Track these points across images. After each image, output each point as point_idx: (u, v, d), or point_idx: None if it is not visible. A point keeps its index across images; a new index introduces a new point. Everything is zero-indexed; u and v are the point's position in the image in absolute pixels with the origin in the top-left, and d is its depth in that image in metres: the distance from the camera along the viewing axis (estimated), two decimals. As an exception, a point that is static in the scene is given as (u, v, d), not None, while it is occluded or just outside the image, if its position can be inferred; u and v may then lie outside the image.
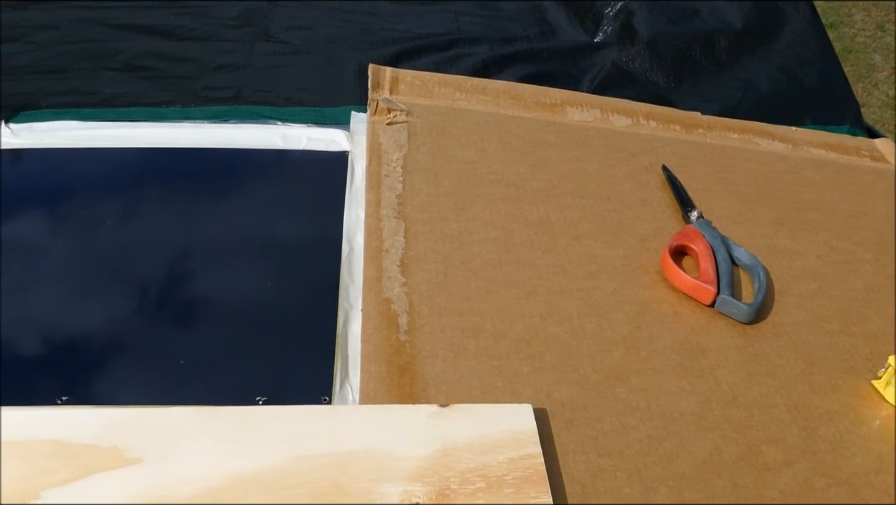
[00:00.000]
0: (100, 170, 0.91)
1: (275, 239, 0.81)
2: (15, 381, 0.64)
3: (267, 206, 0.86)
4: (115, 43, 1.18)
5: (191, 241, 0.80)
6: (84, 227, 0.81)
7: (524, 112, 1.06)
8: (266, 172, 0.91)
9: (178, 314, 0.71)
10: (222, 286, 0.75)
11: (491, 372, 0.66)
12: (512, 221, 0.84)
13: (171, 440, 0.56)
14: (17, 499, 0.52)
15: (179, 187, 0.88)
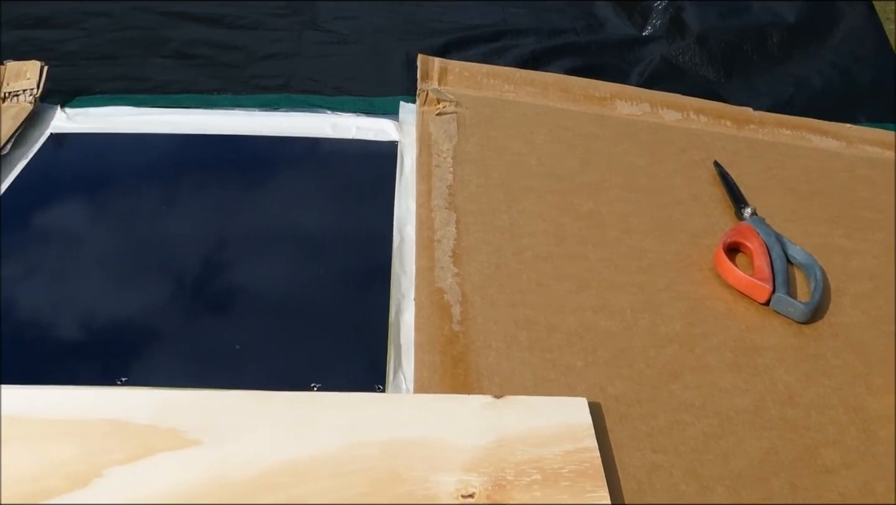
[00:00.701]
0: (153, 155, 0.92)
1: (326, 228, 0.81)
2: (74, 362, 0.65)
3: (317, 194, 0.86)
4: (165, 31, 1.20)
5: (242, 229, 0.81)
6: (139, 211, 0.83)
7: (573, 105, 1.05)
8: (316, 161, 0.92)
9: (231, 301, 0.72)
10: (275, 274, 0.75)
11: (544, 365, 0.65)
12: (562, 214, 0.83)
13: (228, 423, 0.57)
14: (82, 476, 0.53)
15: (231, 174, 0.89)
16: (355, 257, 0.78)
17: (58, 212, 0.82)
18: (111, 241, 0.78)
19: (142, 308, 0.70)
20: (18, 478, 0.52)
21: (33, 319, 0.69)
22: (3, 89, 0.97)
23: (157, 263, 0.75)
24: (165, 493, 0.52)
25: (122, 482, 0.53)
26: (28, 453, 0.54)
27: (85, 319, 0.69)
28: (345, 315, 0.71)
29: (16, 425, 0.56)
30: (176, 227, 0.80)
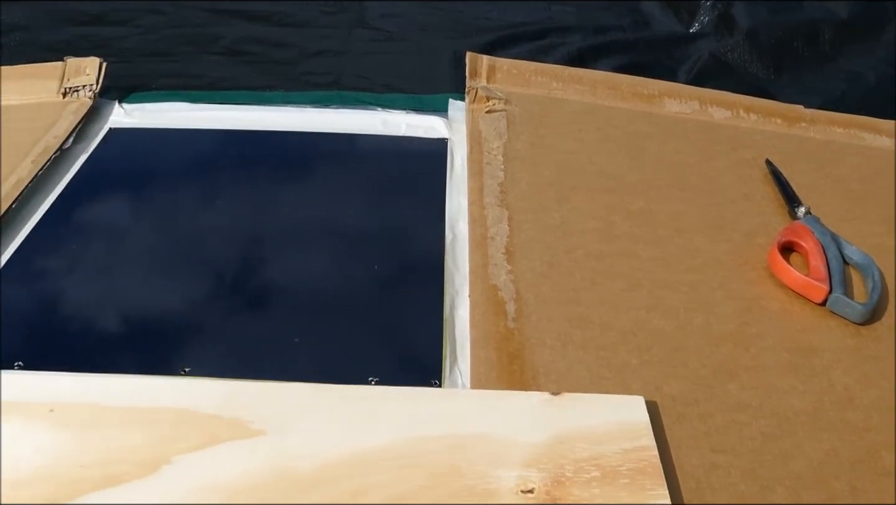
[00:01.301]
0: (208, 150, 0.94)
1: (378, 224, 0.82)
2: (141, 352, 0.67)
3: (369, 190, 0.87)
4: (216, 28, 1.22)
5: (297, 224, 0.82)
6: (196, 205, 0.84)
7: (621, 103, 1.05)
8: (367, 157, 0.93)
9: (288, 295, 0.73)
10: (330, 269, 0.76)
11: (599, 363, 0.66)
12: (612, 213, 0.83)
13: (291, 415, 0.58)
14: (151, 462, 0.54)
15: (285, 170, 0.90)
16: (408, 253, 0.79)
17: (118, 204, 0.84)
18: (170, 234, 0.80)
19: (203, 301, 0.72)
20: (91, 463, 0.54)
21: (101, 311, 0.71)
22: (63, 85, 1.00)
23: (215, 257, 0.77)
24: (231, 481, 0.53)
25: (190, 470, 0.54)
26: (100, 440, 0.56)
27: (149, 310, 0.71)
28: (400, 310, 0.72)
29: (89, 412, 0.58)
30: (231, 222, 0.82)
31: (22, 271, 0.75)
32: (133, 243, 0.79)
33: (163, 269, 0.76)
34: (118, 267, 0.76)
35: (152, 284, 0.74)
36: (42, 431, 0.56)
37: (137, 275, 0.75)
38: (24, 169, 0.86)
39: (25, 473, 0.53)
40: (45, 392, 0.59)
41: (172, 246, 0.78)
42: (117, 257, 0.77)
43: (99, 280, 0.74)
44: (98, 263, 0.76)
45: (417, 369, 0.66)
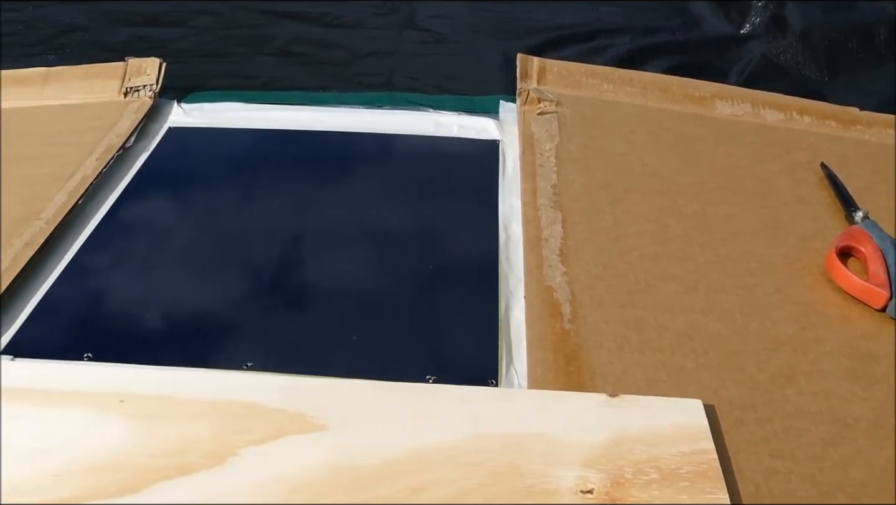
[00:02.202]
0: (264, 150, 0.95)
1: (432, 224, 0.83)
2: (205, 346, 0.69)
3: (422, 191, 0.88)
4: (268, 29, 1.24)
5: (351, 224, 0.83)
6: (253, 203, 0.86)
7: (672, 105, 1.04)
8: (420, 158, 0.94)
9: (346, 294, 0.74)
10: (386, 268, 0.77)
11: (655, 365, 0.66)
12: (666, 215, 0.83)
13: (351, 410, 0.59)
14: (219, 454, 0.56)
15: (339, 169, 0.92)
16: (462, 254, 0.79)
17: (179, 201, 0.87)
18: (230, 231, 0.82)
19: (262, 297, 0.74)
20: (160, 453, 0.56)
21: (164, 305, 0.73)
22: (124, 85, 1.02)
23: (273, 255, 0.79)
24: (296, 474, 0.55)
25: (256, 462, 0.55)
26: (169, 430, 0.58)
27: (211, 305, 0.73)
28: (455, 310, 0.72)
29: (157, 404, 0.59)
30: (287, 221, 0.83)
31: (88, 266, 0.77)
32: (193, 240, 0.81)
33: (223, 265, 0.78)
34: (180, 263, 0.78)
35: (213, 280, 0.75)
36: (113, 421, 0.58)
37: (198, 271, 0.77)
38: (88, 166, 0.89)
39: (98, 460, 0.55)
40: (116, 383, 0.61)
41: (232, 243, 0.80)
42: (179, 253, 0.79)
43: (161, 275, 0.76)
44: (160, 258, 0.78)
45: (474, 369, 0.66)
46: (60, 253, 0.79)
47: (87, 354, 0.67)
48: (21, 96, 1.03)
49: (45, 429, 0.58)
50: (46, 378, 0.62)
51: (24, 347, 0.68)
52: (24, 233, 0.78)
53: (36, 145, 0.93)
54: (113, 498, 0.53)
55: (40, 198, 0.84)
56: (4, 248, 0.76)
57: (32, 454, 0.56)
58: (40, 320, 0.71)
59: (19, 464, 0.55)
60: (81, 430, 0.58)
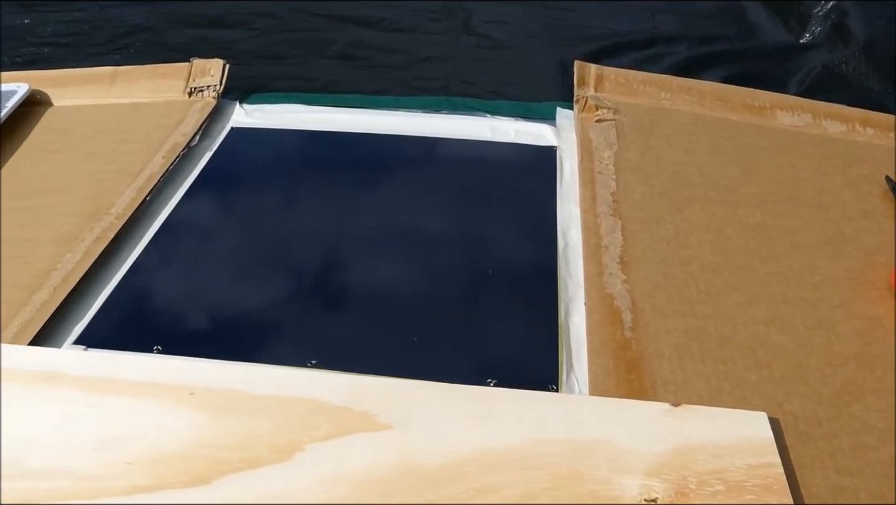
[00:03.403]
0: (324, 151, 0.97)
1: (491, 228, 0.84)
2: (268, 341, 0.70)
3: (480, 195, 0.89)
4: (327, 32, 1.26)
5: (411, 226, 0.84)
6: (314, 204, 0.87)
7: (731, 114, 1.03)
8: (478, 163, 0.94)
9: (407, 295, 0.75)
10: (445, 271, 0.78)
11: (718, 377, 0.65)
12: (727, 226, 0.82)
13: (415, 411, 0.60)
14: (286, 449, 0.57)
15: (398, 173, 0.93)
16: (521, 259, 0.80)
17: (242, 200, 0.88)
18: (291, 231, 0.83)
19: (326, 296, 0.75)
20: (229, 446, 0.57)
21: (229, 301, 0.74)
22: (189, 85, 1.05)
23: (335, 256, 0.80)
24: (361, 472, 0.56)
25: (322, 458, 0.56)
26: (237, 424, 0.59)
27: (274, 302, 0.74)
28: (515, 315, 0.73)
29: (226, 397, 0.61)
30: (348, 223, 0.84)
31: (156, 260, 0.80)
32: (257, 238, 0.82)
33: (285, 264, 0.79)
34: (244, 260, 0.79)
35: (276, 278, 0.77)
36: (183, 413, 0.60)
37: (262, 268, 0.78)
38: (155, 164, 0.91)
39: (169, 450, 0.57)
40: (185, 376, 0.63)
41: (294, 243, 0.81)
42: (242, 250, 0.81)
43: (226, 271, 0.78)
44: (225, 255, 0.80)
45: (534, 374, 0.67)
46: (129, 247, 0.81)
47: (156, 346, 0.69)
48: (90, 94, 1.06)
49: (117, 418, 0.60)
50: (118, 369, 0.64)
51: (95, 338, 0.70)
52: (96, 227, 0.81)
53: (105, 143, 0.96)
54: (184, 488, 0.55)
55: (110, 193, 0.86)
56: (77, 243, 0.79)
57: (105, 442, 0.58)
58: (111, 312, 0.73)
59: (93, 451, 0.57)
60: (153, 420, 0.59)
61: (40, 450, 0.57)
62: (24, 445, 0.57)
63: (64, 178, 0.90)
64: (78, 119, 1.02)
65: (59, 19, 1.38)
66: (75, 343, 0.70)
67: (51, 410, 0.60)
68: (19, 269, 0.76)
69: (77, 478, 0.55)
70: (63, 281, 0.74)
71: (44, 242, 0.79)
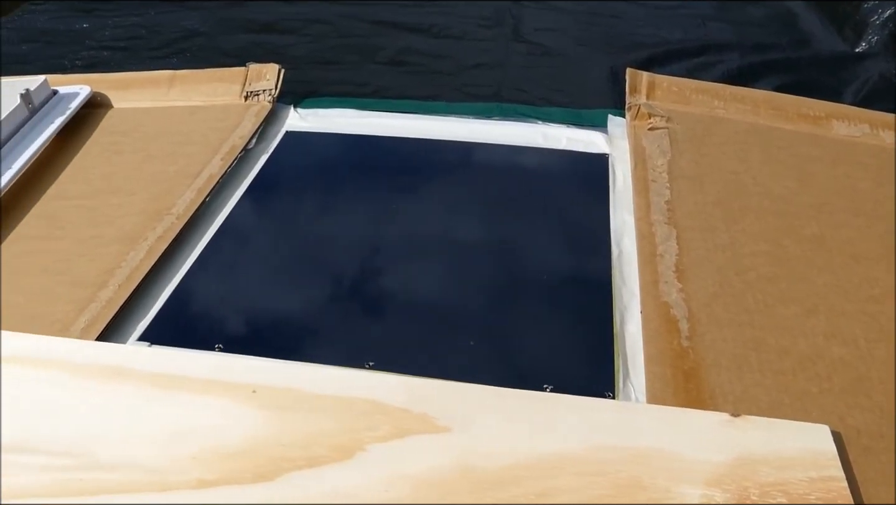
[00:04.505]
0: (377, 155, 0.98)
1: (545, 234, 0.84)
2: (327, 342, 0.71)
3: (534, 201, 0.89)
4: (378, 38, 1.27)
5: (465, 232, 0.85)
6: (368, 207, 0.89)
7: (785, 124, 1.02)
8: (531, 169, 0.95)
9: (462, 300, 0.76)
10: (499, 276, 0.79)
11: (777, 388, 0.65)
12: (783, 236, 0.82)
13: (474, 414, 0.60)
14: (347, 448, 0.58)
15: (451, 178, 0.94)
16: (576, 266, 0.80)
17: (298, 202, 0.90)
18: (347, 234, 0.84)
19: (384, 299, 0.76)
20: (291, 443, 0.58)
21: (286, 301, 0.76)
22: (245, 89, 1.07)
23: (390, 260, 0.81)
24: (421, 473, 0.56)
25: (383, 458, 0.57)
26: (299, 422, 0.60)
27: (331, 303, 0.75)
28: (571, 321, 0.73)
29: (288, 396, 0.62)
30: (402, 227, 0.85)
31: (216, 260, 0.81)
32: (313, 240, 0.84)
33: (342, 266, 0.80)
34: (301, 261, 0.81)
35: (334, 280, 0.78)
36: (246, 410, 0.61)
37: (318, 270, 0.80)
38: (214, 165, 0.93)
39: (234, 447, 0.58)
40: (248, 374, 0.64)
41: (350, 245, 0.83)
42: (300, 252, 0.82)
43: (284, 272, 0.79)
44: (282, 256, 0.82)
45: (590, 380, 0.67)
46: (190, 247, 0.83)
47: (217, 344, 0.70)
48: (150, 97, 1.09)
49: (183, 413, 0.61)
50: (182, 365, 0.66)
51: (158, 335, 0.72)
52: (158, 227, 0.83)
53: (165, 144, 0.98)
54: (248, 484, 0.56)
55: (171, 194, 0.88)
56: (139, 241, 0.81)
57: (171, 437, 0.59)
58: (173, 310, 0.75)
59: (160, 445, 0.59)
60: (217, 416, 0.61)
61: (110, 443, 0.59)
62: (94, 438, 0.59)
63: (126, 179, 0.92)
64: (138, 121, 1.05)
65: (117, 24, 1.42)
66: (139, 340, 0.72)
67: (118, 404, 0.62)
68: (85, 266, 0.78)
69: (146, 470, 0.56)
70: (127, 279, 0.76)
71: (108, 241, 0.82)
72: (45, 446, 0.58)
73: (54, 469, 0.57)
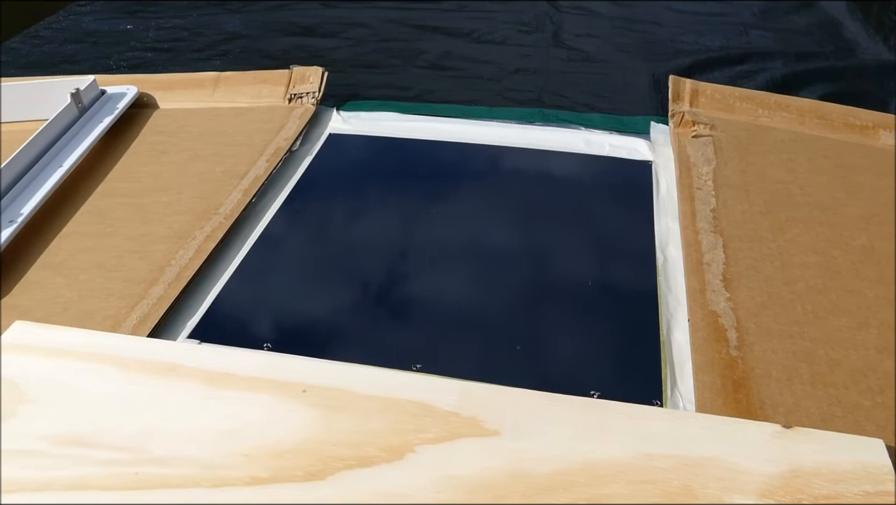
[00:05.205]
0: (419, 158, 0.99)
1: (590, 241, 0.84)
2: (376, 343, 0.72)
3: (578, 207, 0.89)
4: (419, 43, 1.28)
5: (510, 237, 0.85)
6: (410, 210, 0.89)
7: (831, 133, 1.01)
8: (574, 175, 0.95)
9: (509, 304, 0.76)
10: (544, 280, 0.79)
11: (829, 400, 0.64)
12: (832, 247, 0.81)
13: (523, 419, 0.60)
14: (397, 449, 0.58)
15: (494, 183, 0.94)
16: (621, 273, 0.80)
17: (343, 204, 0.90)
18: (392, 237, 0.85)
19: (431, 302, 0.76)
20: (341, 443, 0.59)
21: (333, 302, 0.76)
22: (289, 91, 1.08)
23: (437, 265, 0.81)
24: (471, 476, 0.56)
25: (434, 460, 0.57)
26: (348, 422, 0.60)
27: (378, 305, 0.76)
28: (617, 328, 0.73)
29: (337, 396, 0.62)
30: (446, 231, 0.86)
31: (263, 260, 0.82)
32: (358, 242, 0.84)
33: (388, 268, 0.81)
34: (347, 262, 0.81)
35: (380, 282, 0.79)
36: (297, 409, 0.62)
37: (364, 272, 0.80)
38: (260, 166, 0.94)
39: (285, 445, 0.59)
40: (298, 373, 0.65)
41: (396, 248, 0.83)
42: (345, 253, 0.83)
43: (330, 273, 0.80)
44: (328, 257, 0.82)
45: (637, 387, 0.67)
46: (237, 247, 0.84)
47: (266, 343, 0.71)
48: (195, 98, 1.10)
49: (235, 410, 0.62)
50: (233, 363, 0.66)
51: (207, 333, 0.73)
52: (206, 226, 0.84)
53: (210, 145, 1.00)
54: (300, 482, 0.56)
55: (218, 194, 0.89)
56: (188, 240, 0.82)
57: (224, 433, 0.60)
58: (221, 309, 0.76)
59: (213, 441, 0.59)
60: (268, 415, 0.61)
61: (163, 438, 0.59)
62: (147, 433, 0.60)
63: (173, 178, 0.94)
64: (183, 121, 1.06)
65: (160, 25, 1.44)
66: (189, 337, 0.73)
67: (171, 400, 0.63)
68: (136, 263, 0.79)
69: (200, 466, 0.57)
70: (177, 277, 0.77)
71: (157, 239, 0.83)
72: (100, 440, 0.59)
73: (109, 462, 0.58)
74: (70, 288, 0.77)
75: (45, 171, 0.92)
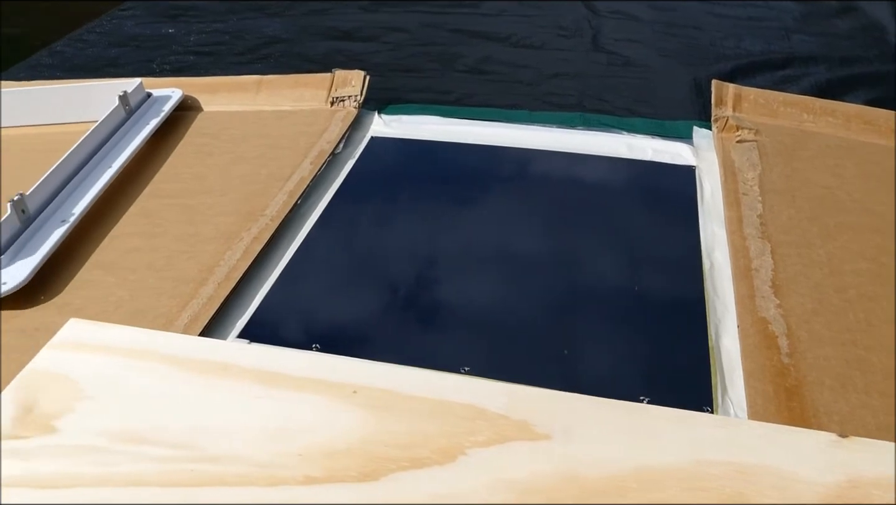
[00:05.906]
0: (461, 162, 0.99)
1: (635, 246, 0.83)
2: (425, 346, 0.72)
3: (622, 212, 0.89)
4: (458, 47, 1.29)
5: (555, 242, 0.85)
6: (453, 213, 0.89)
7: (878, 139, 1.00)
8: (617, 180, 0.94)
9: (556, 309, 0.76)
10: (591, 286, 0.78)
11: (885, 410, 0.63)
12: (883, 254, 0.80)
13: (573, 423, 0.60)
14: (449, 452, 0.58)
15: (536, 187, 0.94)
16: (667, 278, 0.79)
17: (387, 206, 0.91)
18: (437, 240, 0.85)
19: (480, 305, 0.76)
20: (394, 444, 0.59)
21: (381, 304, 0.77)
22: (331, 95, 1.09)
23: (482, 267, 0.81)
24: (523, 480, 0.56)
25: (485, 463, 0.57)
26: (400, 424, 0.61)
27: (426, 308, 0.76)
28: (665, 334, 0.72)
29: (388, 398, 0.63)
30: (490, 235, 0.86)
31: (309, 261, 0.83)
32: (403, 245, 0.85)
33: (434, 271, 0.81)
34: (392, 265, 0.82)
35: (427, 284, 0.79)
36: (348, 410, 0.62)
37: (410, 274, 0.80)
38: (304, 169, 0.95)
39: (338, 445, 0.59)
40: (349, 374, 0.65)
41: (441, 251, 0.83)
42: (390, 256, 0.83)
43: (376, 275, 0.81)
44: (373, 259, 0.83)
45: (687, 394, 0.66)
46: (283, 248, 0.85)
47: (315, 344, 0.72)
48: (238, 101, 1.12)
49: (287, 410, 0.62)
50: (284, 363, 0.67)
51: (257, 333, 0.74)
52: (252, 227, 0.85)
53: (254, 147, 1.01)
54: (354, 483, 0.57)
55: (263, 196, 0.90)
56: (236, 241, 0.83)
57: (277, 432, 0.61)
58: (270, 309, 0.77)
59: (266, 441, 0.60)
60: (320, 415, 0.62)
61: (217, 436, 0.60)
62: (201, 431, 0.61)
63: (218, 180, 0.95)
64: (227, 124, 1.07)
65: (201, 30, 1.46)
66: (238, 337, 0.74)
67: (223, 399, 0.63)
68: (185, 263, 0.80)
69: (254, 465, 0.58)
70: (226, 277, 0.78)
71: (205, 239, 0.84)
72: (156, 437, 0.60)
73: (166, 459, 0.58)
74: (121, 287, 0.78)
75: (95, 171, 0.93)
